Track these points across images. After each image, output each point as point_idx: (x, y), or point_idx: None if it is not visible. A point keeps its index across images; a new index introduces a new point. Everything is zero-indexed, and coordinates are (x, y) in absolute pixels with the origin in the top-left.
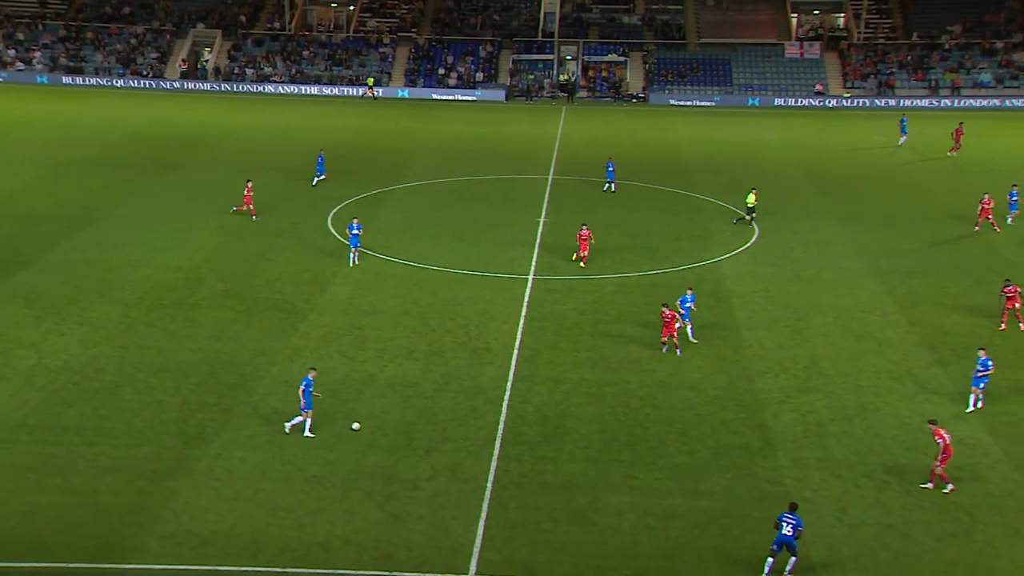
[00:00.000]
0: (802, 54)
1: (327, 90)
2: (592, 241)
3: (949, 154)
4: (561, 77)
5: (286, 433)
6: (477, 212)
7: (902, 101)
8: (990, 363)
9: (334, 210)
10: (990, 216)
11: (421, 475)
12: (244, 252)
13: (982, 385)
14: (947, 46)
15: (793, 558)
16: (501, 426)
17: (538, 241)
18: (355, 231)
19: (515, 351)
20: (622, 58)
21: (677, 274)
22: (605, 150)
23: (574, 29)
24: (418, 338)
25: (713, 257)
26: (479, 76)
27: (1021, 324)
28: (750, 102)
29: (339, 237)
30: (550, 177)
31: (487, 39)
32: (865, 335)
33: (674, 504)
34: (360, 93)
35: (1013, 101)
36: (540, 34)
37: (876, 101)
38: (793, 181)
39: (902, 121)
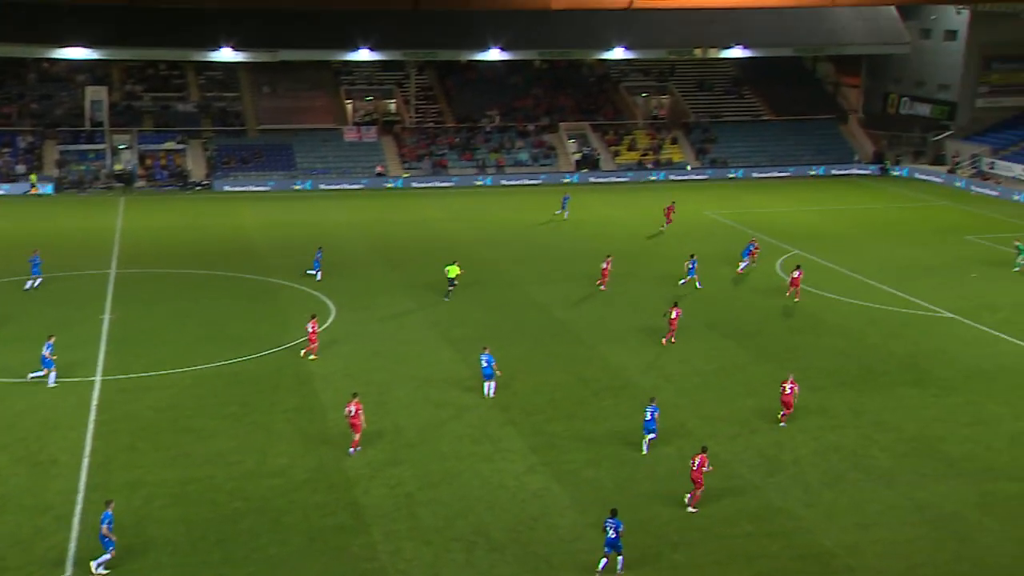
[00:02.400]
0: (360, 138)
1: None
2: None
3: (662, 228)
4: (116, 167)
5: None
6: (29, 314)
7: (454, 178)
8: (657, 411)
9: None
10: (607, 277)
11: None
12: None
13: (653, 428)
14: (488, 129)
15: (620, 557)
16: (73, 543)
17: (104, 339)
18: (49, 352)
19: (84, 460)
20: (181, 145)
21: (256, 361)
22: (171, 239)
23: (126, 117)
24: None
25: (293, 340)
26: (20, 169)
27: (673, 339)
28: (314, 185)
29: None
30: (112, 271)
31: (26, 129)
32: (444, 402)
33: None
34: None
35: (548, 176)
36: (88, 123)
37: (432, 180)
38: (365, 258)
39: (564, 198)
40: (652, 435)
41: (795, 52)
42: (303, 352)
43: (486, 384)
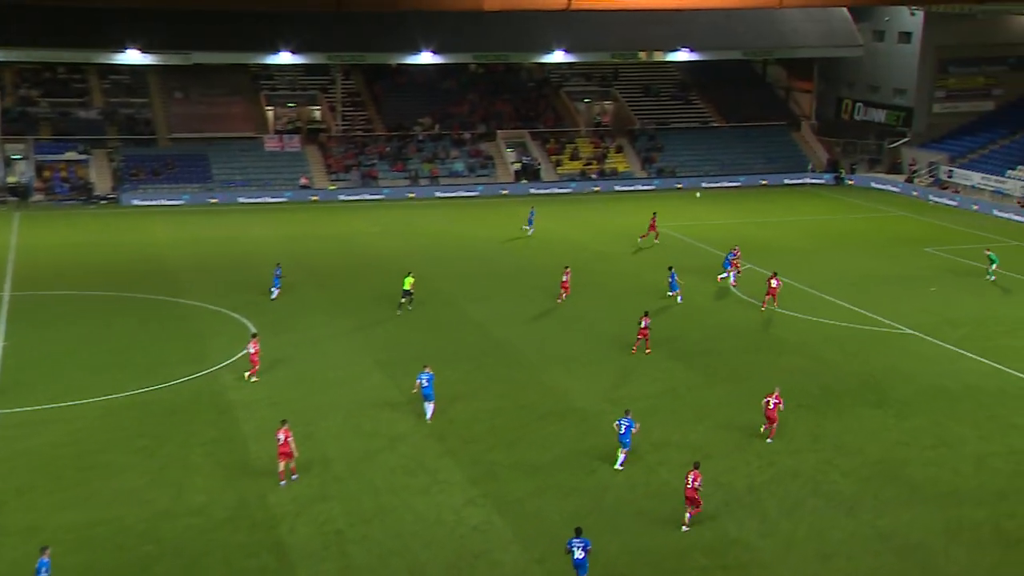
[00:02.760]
0: (282, 147)
1: None
2: None
3: (655, 241)
4: (10, 179)
5: None
6: None
7: (385, 190)
8: (635, 424)
9: None
10: (567, 290)
11: None
12: None
13: (627, 441)
14: (420, 137)
15: None
16: None
17: None
18: None
19: None
20: (83, 156)
21: (170, 389)
22: (73, 258)
23: (20, 124)
24: None
25: (211, 366)
26: None
27: (647, 351)
28: (232, 199)
29: None
30: (6, 294)
31: None
32: (376, 432)
33: None
34: None
35: (485, 188)
36: None
37: (361, 192)
38: (289, 277)
39: (531, 212)
40: (625, 448)
41: (744, 55)
42: (256, 375)
43: (426, 406)
